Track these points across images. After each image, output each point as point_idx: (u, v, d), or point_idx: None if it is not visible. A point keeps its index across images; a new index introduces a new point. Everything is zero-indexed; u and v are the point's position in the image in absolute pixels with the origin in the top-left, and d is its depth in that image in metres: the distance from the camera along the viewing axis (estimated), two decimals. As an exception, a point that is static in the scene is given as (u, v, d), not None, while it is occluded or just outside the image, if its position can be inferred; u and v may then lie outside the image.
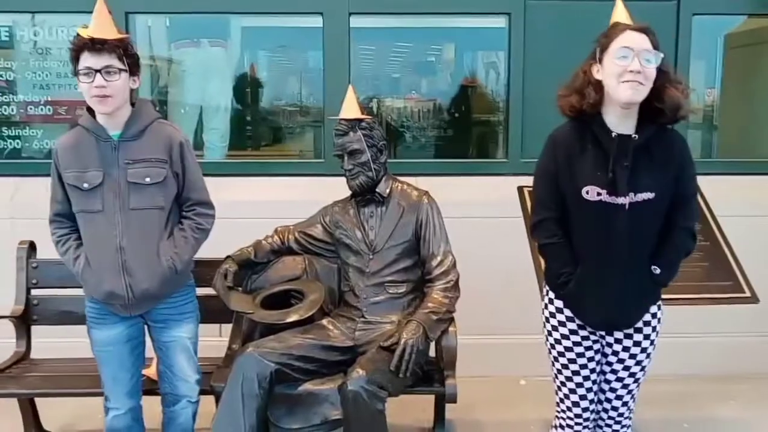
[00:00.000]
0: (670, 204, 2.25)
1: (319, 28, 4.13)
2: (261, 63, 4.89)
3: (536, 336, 2.68)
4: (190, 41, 4.55)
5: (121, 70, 2.46)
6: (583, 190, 2.21)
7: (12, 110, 4.39)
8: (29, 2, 4.23)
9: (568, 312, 2.35)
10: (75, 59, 2.45)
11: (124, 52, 2.48)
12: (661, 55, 2.15)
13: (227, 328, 3.30)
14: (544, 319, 2.45)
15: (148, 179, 2.54)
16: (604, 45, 2.18)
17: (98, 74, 2.41)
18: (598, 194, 2.19)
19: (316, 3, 4.11)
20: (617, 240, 2.21)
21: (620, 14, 2.26)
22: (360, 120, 2.98)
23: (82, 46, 2.42)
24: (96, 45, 2.41)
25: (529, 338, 3.75)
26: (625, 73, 2.11)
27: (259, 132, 4.82)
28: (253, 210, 3.83)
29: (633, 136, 2.18)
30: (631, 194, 2.18)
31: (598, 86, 2.19)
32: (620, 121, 2.20)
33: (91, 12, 2.49)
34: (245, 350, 2.77)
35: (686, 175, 2.26)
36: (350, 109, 3.01)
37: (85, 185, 2.51)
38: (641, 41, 2.13)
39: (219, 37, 4.55)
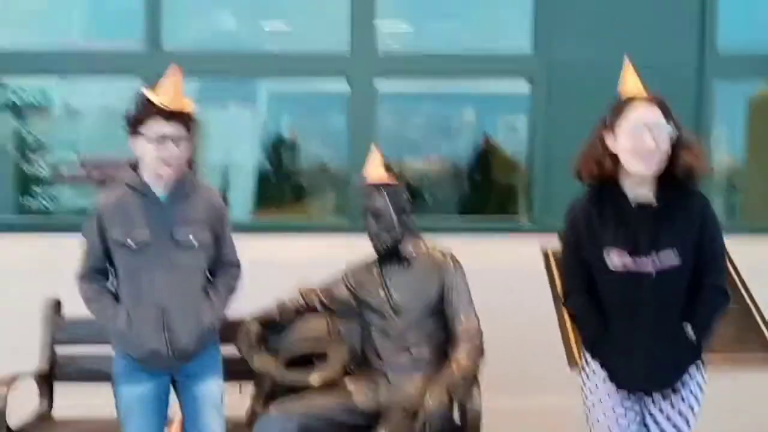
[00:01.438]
0: (698, 265, 2.23)
1: (345, 90, 4.23)
2: (287, 124, 4.98)
3: (563, 398, 2.64)
4: (217, 102, 4.66)
5: (188, 138, 2.55)
6: (605, 259, 2.22)
7: (44, 170, 4.50)
8: (66, 66, 4.37)
9: (605, 374, 2.33)
10: (143, 123, 2.49)
11: (191, 121, 2.58)
12: (672, 127, 2.18)
13: (249, 387, 3.27)
14: (581, 382, 2.41)
15: (193, 240, 2.59)
16: (616, 117, 2.22)
17: (170, 142, 2.49)
18: (624, 265, 2.20)
19: (342, 67, 4.21)
20: (646, 307, 2.21)
21: (630, 83, 2.29)
22: (386, 182, 3.02)
23: (158, 113, 2.48)
24: (174, 114, 2.49)
25: (557, 400, 3.70)
26: (639, 148, 2.15)
27: (283, 191, 4.87)
28: (277, 269, 3.84)
29: (652, 204, 2.21)
30: (656, 261, 2.18)
31: (614, 156, 2.22)
32: (638, 186, 2.23)
33: (121, 74, 2.57)
34: (268, 411, 2.75)
35: (711, 235, 2.25)
36: (376, 172, 3.05)
37: (132, 243, 2.55)
38: (654, 115, 2.18)
39: (246, 99, 4.66)
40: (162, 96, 2.50)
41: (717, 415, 3.57)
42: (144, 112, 2.50)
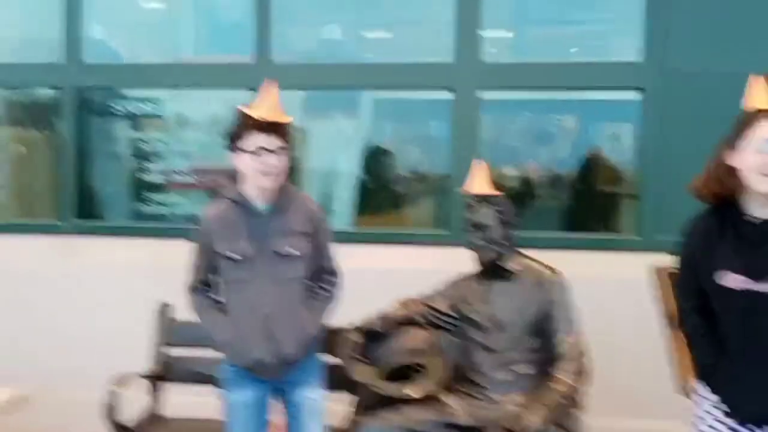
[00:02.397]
0: None
1: (446, 99, 4.21)
2: (389, 133, 5.01)
3: (669, 422, 2.52)
4: (323, 112, 4.75)
5: (287, 149, 2.61)
6: (723, 279, 2.12)
7: (157, 177, 4.71)
8: (176, 78, 4.56)
9: (723, 406, 2.21)
10: (242, 137, 2.56)
11: (288, 133, 2.63)
12: None
13: (349, 397, 3.30)
14: (695, 411, 2.30)
15: (295, 251, 2.65)
16: (742, 134, 2.10)
17: (272, 154, 2.55)
18: (740, 282, 2.09)
19: (447, 79, 4.20)
20: (764, 330, 2.09)
21: (758, 96, 2.16)
22: (491, 195, 2.98)
23: (256, 126, 2.54)
24: (272, 127, 2.56)
25: (662, 424, 3.55)
26: (765, 167, 2.04)
27: (385, 201, 4.90)
28: (378, 279, 3.86)
29: None
30: None
31: (735, 173, 2.12)
32: (764, 207, 2.11)
33: (237, 88, 2.64)
34: (367, 422, 2.77)
35: None
36: (482, 184, 3.01)
37: (237, 256, 2.63)
38: None
39: (351, 108, 4.72)
40: (257, 109, 2.56)
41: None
42: (241, 126, 2.57)
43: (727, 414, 2.20)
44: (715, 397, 2.22)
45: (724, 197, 2.15)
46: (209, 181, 4.53)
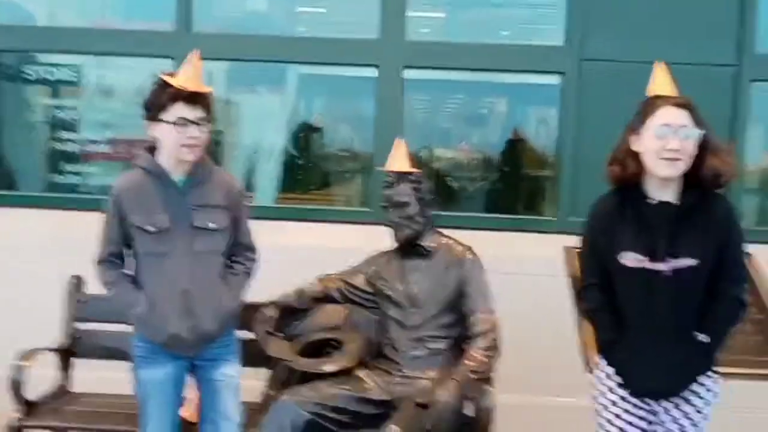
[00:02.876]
0: (716, 271, 2.20)
1: (374, 77, 4.21)
2: (315, 109, 4.96)
3: (578, 399, 2.61)
4: (247, 87, 4.67)
5: (209, 121, 2.55)
6: (623, 258, 2.21)
7: (73, 147, 4.55)
8: (98, 45, 4.40)
9: (618, 378, 2.31)
10: (163, 107, 2.48)
11: (211, 104, 2.57)
12: (701, 131, 2.15)
13: (264, 372, 3.29)
14: (594, 384, 2.39)
15: (213, 225, 2.60)
16: (642, 118, 2.20)
17: (193, 125, 2.48)
18: (639, 261, 2.19)
19: (371, 55, 4.19)
20: (660, 307, 2.19)
21: (660, 83, 2.25)
22: (409, 173, 3.00)
23: (178, 96, 2.47)
24: (194, 97, 2.49)
25: (572, 401, 3.66)
26: (663, 151, 2.13)
27: (308, 178, 4.87)
28: (298, 255, 3.86)
29: (673, 202, 2.19)
30: (672, 261, 2.16)
31: (638, 157, 2.20)
32: (662, 189, 2.21)
33: (156, 57, 2.57)
34: (281, 397, 2.76)
35: (732, 240, 2.22)
36: (400, 162, 3.02)
37: (152, 228, 2.55)
38: (680, 117, 2.14)
39: (275, 83, 4.65)
40: (179, 79, 2.49)
41: (729, 424, 3.53)
42: (162, 95, 2.48)
43: (621, 386, 2.30)
44: (611, 370, 2.32)
45: (628, 181, 2.24)
46: (126, 153, 4.40)
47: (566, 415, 3.76)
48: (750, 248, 3.31)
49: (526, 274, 3.89)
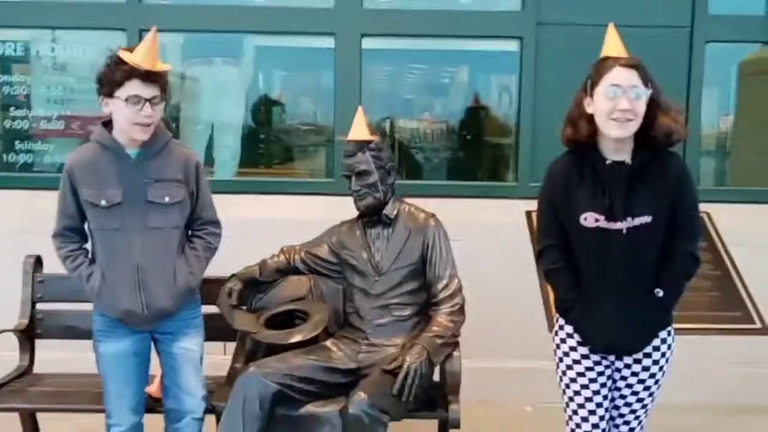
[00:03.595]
0: (670, 227, 2.24)
1: (332, 48, 4.17)
2: (273, 82, 4.90)
3: (543, 362, 2.65)
4: (203, 59, 4.59)
5: (163, 99, 2.51)
6: (581, 218, 2.24)
7: (26, 124, 4.43)
8: (47, 18, 4.28)
9: (578, 337, 2.34)
10: (118, 84, 2.43)
11: (166, 82, 2.53)
12: (650, 90, 2.18)
13: (231, 346, 3.28)
14: (555, 345, 2.43)
15: (167, 199, 2.57)
16: (594, 80, 2.22)
17: (147, 103, 2.44)
18: (596, 220, 2.22)
19: (328, 24, 4.14)
20: (615, 264, 2.23)
21: (612, 45, 2.27)
22: (368, 141, 2.98)
23: (134, 74, 2.42)
24: (150, 75, 2.43)
25: (536, 364, 3.72)
26: (613, 111, 2.15)
27: (269, 150, 4.82)
28: (261, 228, 3.84)
29: (627, 162, 2.22)
30: (629, 219, 2.20)
31: (590, 119, 2.23)
32: (615, 149, 2.23)
33: (107, 29, 2.50)
34: (247, 370, 2.75)
35: (685, 197, 2.26)
36: (359, 131, 3.00)
37: (104, 202, 2.51)
38: (630, 78, 2.17)
39: (232, 55, 4.58)
40: (137, 57, 2.44)
41: (688, 378, 3.63)
42: (119, 73, 2.43)
43: (580, 344, 2.34)
44: (571, 329, 2.36)
45: (582, 142, 2.26)
46: (80, 129, 4.31)
47: (532, 378, 3.84)
48: (708, 207, 3.42)
49: (489, 240, 3.93)
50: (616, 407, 2.38)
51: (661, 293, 2.24)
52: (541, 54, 4.16)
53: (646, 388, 2.33)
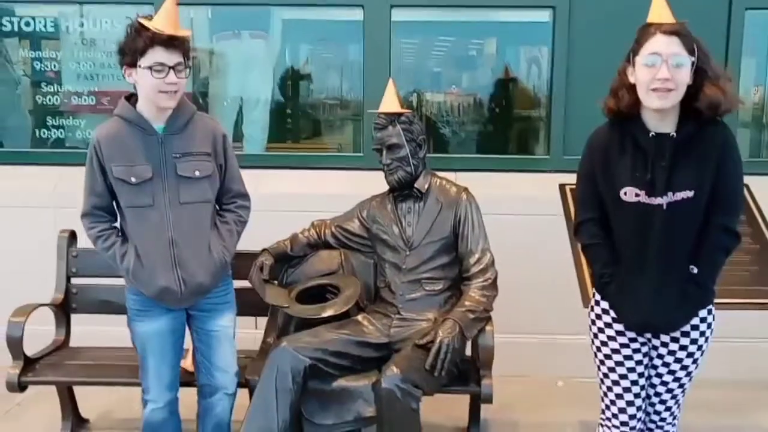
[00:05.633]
0: (710, 201, 2.15)
1: (360, 21, 4.12)
2: (301, 55, 4.86)
3: (575, 336, 2.62)
4: (231, 33, 4.56)
5: (187, 66, 2.48)
6: (621, 192, 2.17)
7: (57, 100, 4.46)
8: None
9: (614, 313, 2.29)
10: (140, 52, 2.40)
11: (188, 49, 2.51)
12: (693, 58, 2.07)
13: (262, 321, 3.30)
14: (590, 320, 2.38)
15: (197, 173, 2.55)
16: (635, 49, 2.13)
17: (171, 70, 2.42)
18: (636, 195, 2.15)
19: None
20: (654, 240, 2.15)
21: (657, 11, 2.17)
22: (399, 114, 2.94)
23: (156, 41, 2.39)
24: (172, 42, 2.41)
25: (568, 338, 3.71)
26: (653, 81, 2.06)
27: (298, 125, 4.80)
28: (291, 203, 3.84)
29: (671, 134, 2.13)
30: (669, 194, 2.12)
31: (632, 89, 2.14)
32: (659, 121, 2.14)
33: (136, 3, 2.48)
34: (280, 344, 2.77)
35: (727, 169, 2.15)
36: (390, 103, 2.97)
37: (134, 179, 2.49)
38: (671, 45, 2.06)
39: (260, 29, 4.54)
40: (159, 22, 2.41)
41: (727, 355, 3.57)
42: (138, 40, 2.40)
43: (616, 320, 2.29)
44: (607, 305, 2.31)
45: (624, 113, 2.18)
46: (111, 104, 4.31)
47: (565, 354, 3.81)
48: (745, 180, 3.33)
49: (521, 214, 3.89)
50: (652, 385, 2.33)
51: (696, 270, 2.18)
52: (574, 22, 4.06)
53: (684, 368, 2.28)
